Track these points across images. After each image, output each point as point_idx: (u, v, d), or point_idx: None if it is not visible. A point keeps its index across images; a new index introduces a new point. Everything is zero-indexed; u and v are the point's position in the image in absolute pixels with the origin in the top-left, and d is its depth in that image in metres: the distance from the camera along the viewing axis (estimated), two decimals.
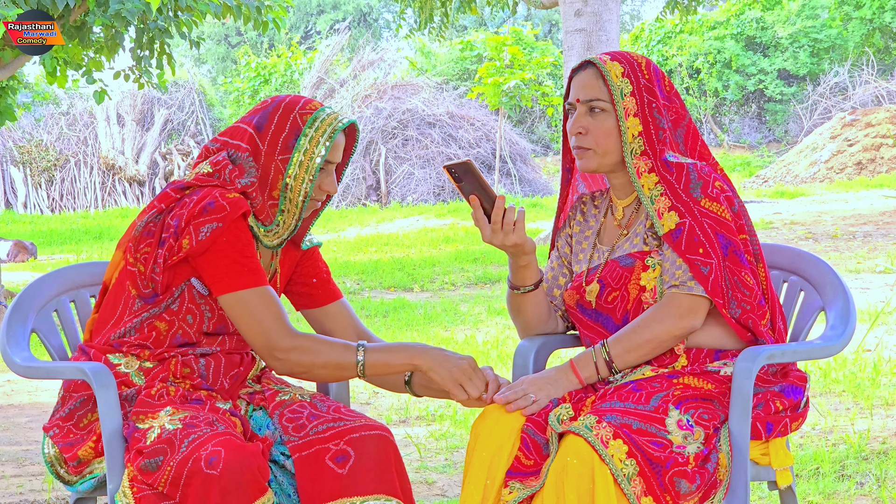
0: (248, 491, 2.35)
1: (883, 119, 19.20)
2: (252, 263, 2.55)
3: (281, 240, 2.66)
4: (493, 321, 8.28)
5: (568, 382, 2.60)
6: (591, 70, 2.67)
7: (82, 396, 2.62)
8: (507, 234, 2.62)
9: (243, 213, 2.55)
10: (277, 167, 2.59)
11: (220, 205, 2.51)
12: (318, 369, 2.56)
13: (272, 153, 2.59)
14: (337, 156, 2.65)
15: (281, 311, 2.56)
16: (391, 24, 32.70)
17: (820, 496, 3.81)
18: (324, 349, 2.55)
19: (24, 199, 23.48)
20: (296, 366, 2.55)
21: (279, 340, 2.53)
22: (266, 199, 2.60)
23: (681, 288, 2.55)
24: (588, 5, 11.40)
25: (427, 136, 21.46)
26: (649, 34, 28.04)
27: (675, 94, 2.72)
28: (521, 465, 2.48)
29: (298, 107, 2.61)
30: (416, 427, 5.22)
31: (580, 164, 2.70)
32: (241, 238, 2.54)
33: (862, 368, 5.72)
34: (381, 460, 2.52)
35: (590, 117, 2.66)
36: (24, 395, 6.30)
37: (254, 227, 2.61)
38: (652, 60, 2.72)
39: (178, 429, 2.44)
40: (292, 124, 2.59)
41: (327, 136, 2.59)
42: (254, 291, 2.54)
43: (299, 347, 2.53)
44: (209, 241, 2.50)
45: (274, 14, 9.04)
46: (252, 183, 2.58)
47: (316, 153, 2.58)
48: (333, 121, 2.60)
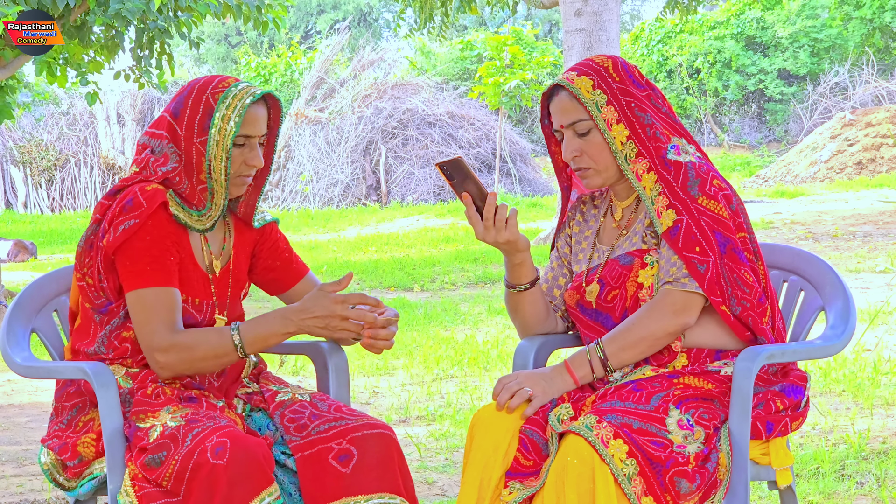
0: (254, 481, 2.35)
1: (883, 119, 19.20)
2: (159, 263, 2.55)
3: (213, 221, 2.65)
4: (493, 321, 8.28)
5: (563, 383, 2.60)
6: (563, 93, 2.66)
7: (77, 404, 2.63)
8: (499, 231, 2.62)
9: (162, 204, 2.56)
10: (198, 150, 2.58)
11: (138, 201, 2.54)
12: (200, 363, 2.55)
13: (191, 137, 2.59)
14: (255, 129, 2.62)
15: (172, 313, 2.54)
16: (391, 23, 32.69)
17: (820, 496, 3.81)
18: (199, 342, 2.54)
19: (24, 199, 23.48)
20: (178, 364, 2.54)
21: (159, 341, 2.52)
22: (195, 184, 2.60)
23: (675, 284, 2.55)
24: (588, 5, 11.40)
25: (427, 136, 21.46)
26: (649, 34, 28.04)
27: (652, 84, 2.72)
28: (520, 465, 2.48)
29: (211, 86, 2.61)
30: (416, 427, 5.22)
31: (586, 184, 2.71)
32: (157, 234, 2.55)
33: (862, 368, 5.72)
34: (384, 459, 2.52)
35: (579, 139, 2.66)
36: (24, 395, 6.30)
37: (179, 215, 2.60)
38: (619, 58, 2.69)
39: (181, 425, 2.45)
40: (205, 105, 2.59)
41: (237, 111, 2.57)
42: (152, 291, 2.54)
43: (176, 345, 2.52)
44: (123, 237, 2.53)
45: (274, 14, 9.04)
46: (174, 169, 2.59)
47: (228, 130, 2.57)
48: (245, 95, 2.58)
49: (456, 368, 6.49)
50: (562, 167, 2.80)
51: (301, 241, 15.77)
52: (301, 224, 18.48)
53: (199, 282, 2.67)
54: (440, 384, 6.16)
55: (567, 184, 2.84)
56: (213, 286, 2.70)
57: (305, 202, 21.74)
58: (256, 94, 2.59)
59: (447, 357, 6.79)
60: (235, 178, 2.64)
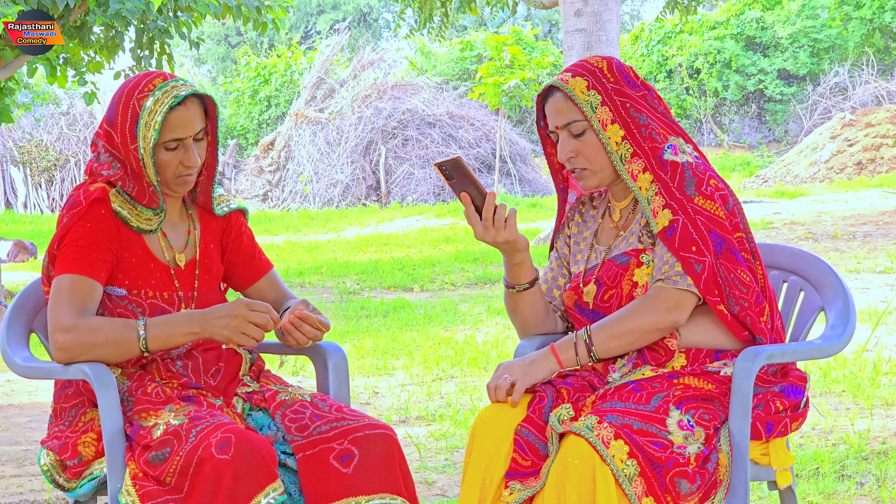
0: (259, 476, 2.35)
1: (883, 119, 19.21)
2: (83, 253, 2.56)
3: (158, 224, 2.65)
4: (493, 321, 8.27)
5: (547, 363, 2.60)
6: (557, 94, 2.66)
7: (76, 405, 2.63)
8: (498, 231, 2.62)
9: (99, 201, 2.59)
10: (134, 156, 2.59)
11: (78, 200, 2.60)
12: (100, 348, 2.54)
13: (126, 143, 2.60)
14: (185, 130, 2.61)
15: (85, 300, 2.55)
16: (391, 24, 32.69)
17: (820, 496, 3.81)
18: (103, 327, 2.54)
19: (24, 199, 23.49)
20: (77, 346, 2.53)
21: (63, 320, 2.52)
22: (145, 186, 2.62)
23: (667, 282, 2.55)
24: (588, 5, 11.40)
25: (427, 136, 21.46)
26: (649, 34, 28.04)
27: (648, 84, 2.72)
28: (519, 465, 2.48)
29: (137, 91, 2.60)
30: (416, 427, 5.22)
31: (582, 185, 2.71)
32: (90, 228, 2.58)
33: (862, 368, 5.72)
34: (386, 459, 2.53)
35: (574, 140, 2.66)
36: (24, 395, 6.30)
37: (122, 212, 2.62)
38: (614, 59, 2.69)
39: (184, 422, 2.45)
40: (132, 112, 2.59)
41: (157, 117, 2.56)
42: (69, 276, 2.56)
43: (79, 327, 2.52)
44: (60, 233, 2.59)
45: (273, 15, 9.04)
46: (117, 173, 2.62)
47: (149, 138, 2.56)
48: (165, 98, 2.57)
49: (456, 368, 6.49)
50: (558, 169, 2.81)
51: (301, 241, 15.78)
52: (301, 224, 18.48)
53: (159, 276, 2.68)
54: (440, 384, 6.16)
55: (563, 185, 2.84)
56: (177, 280, 2.71)
57: (305, 202, 21.75)
58: (178, 96, 2.57)
59: (447, 357, 6.79)
60: (176, 179, 2.65)
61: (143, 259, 2.66)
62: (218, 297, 2.80)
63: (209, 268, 2.77)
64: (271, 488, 2.36)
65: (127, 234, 2.64)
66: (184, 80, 2.63)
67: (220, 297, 2.80)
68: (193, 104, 2.62)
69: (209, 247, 2.78)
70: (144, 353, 2.56)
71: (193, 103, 2.62)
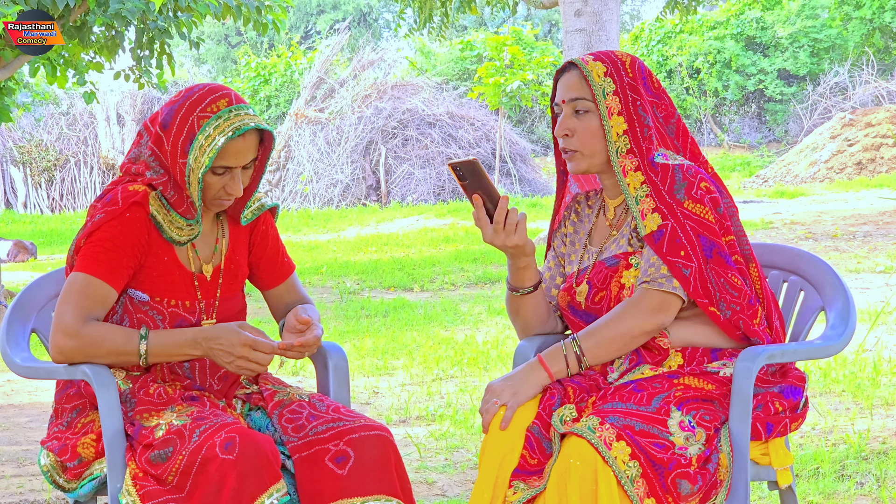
0: (263, 476, 2.35)
1: (883, 119, 19.20)
2: (107, 257, 2.53)
3: (191, 238, 2.62)
4: (493, 321, 8.27)
5: (536, 378, 2.59)
6: (574, 71, 2.67)
7: (77, 406, 2.63)
8: (508, 235, 2.62)
9: (137, 204, 2.55)
10: (181, 169, 2.55)
11: (115, 199, 2.56)
12: (100, 358, 2.54)
13: (175, 155, 2.55)
14: (237, 160, 2.55)
15: (95, 305, 2.53)
16: (391, 24, 32.69)
17: (820, 496, 3.81)
18: (106, 338, 2.52)
19: (24, 199, 23.48)
20: (76, 354, 2.52)
21: (69, 323, 2.51)
22: (185, 198, 2.58)
23: (652, 284, 2.55)
24: (588, 5, 11.40)
25: (427, 136, 21.46)
26: (649, 34, 28.04)
27: (664, 91, 2.72)
28: (526, 463, 2.49)
29: (199, 108, 2.54)
30: (416, 427, 5.22)
31: (570, 167, 2.71)
32: (121, 231, 2.54)
33: (862, 368, 5.72)
34: (381, 461, 2.52)
35: (575, 119, 2.66)
36: (24, 395, 6.30)
37: (158, 217, 2.59)
38: (638, 58, 2.71)
39: (187, 423, 2.45)
40: (189, 127, 2.53)
41: (214, 145, 2.50)
42: (83, 276, 2.53)
43: (82, 335, 2.51)
44: (91, 228, 2.54)
45: (274, 15, 9.04)
46: (160, 179, 2.58)
47: (202, 162, 2.52)
48: (227, 128, 2.51)
49: (456, 368, 6.49)
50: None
51: (301, 241, 15.77)
52: (301, 224, 18.47)
53: (183, 284, 2.65)
54: (440, 384, 6.16)
55: (564, 167, 2.83)
56: (199, 289, 2.68)
57: (305, 202, 21.74)
58: (239, 128, 2.51)
59: (447, 357, 6.79)
60: (214, 200, 2.62)
61: (169, 266, 2.63)
62: (239, 301, 2.79)
63: (234, 273, 2.75)
64: (275, 489, 2.36)
65: (157, 239, 2.61)
66: (247, 107, 2.55)
67: (241, 301, 2.80)
68: (251, 135, 2.56)
69: (236, 254, 2.76)
70: (143, 364, 2.56)
71: (252, 134, 2.56)
